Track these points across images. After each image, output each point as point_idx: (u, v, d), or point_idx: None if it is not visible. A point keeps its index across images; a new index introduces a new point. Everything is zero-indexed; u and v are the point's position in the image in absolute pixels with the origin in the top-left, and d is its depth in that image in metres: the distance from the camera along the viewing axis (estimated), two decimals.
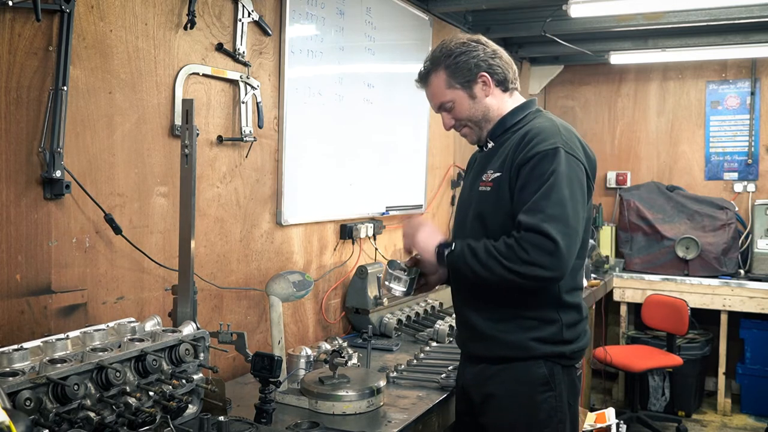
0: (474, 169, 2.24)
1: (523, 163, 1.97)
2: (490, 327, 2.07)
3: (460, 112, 2.14)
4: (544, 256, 1.86)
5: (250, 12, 2.72)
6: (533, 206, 1.90)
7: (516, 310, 2.03)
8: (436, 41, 4.25)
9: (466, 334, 2.18)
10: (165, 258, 2.40)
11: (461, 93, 2.11)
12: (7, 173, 1.92)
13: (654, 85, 5.94)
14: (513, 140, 2.07)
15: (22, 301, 1.97)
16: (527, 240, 1.88)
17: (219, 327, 2.17)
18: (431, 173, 4.41)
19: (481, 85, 2.10)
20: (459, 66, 2.09)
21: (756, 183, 5.69)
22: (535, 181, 1.93)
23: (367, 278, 3.37)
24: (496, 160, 2.09)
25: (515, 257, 1.88)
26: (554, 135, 1.99)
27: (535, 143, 1.97)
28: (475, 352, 2.15)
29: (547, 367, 2.04)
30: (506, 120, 2.13)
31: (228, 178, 2.71)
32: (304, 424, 2.05)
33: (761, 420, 5.10)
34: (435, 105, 2.19)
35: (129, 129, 2.28)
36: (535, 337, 2.02)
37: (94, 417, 1.62)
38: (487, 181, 2.07)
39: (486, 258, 1.93)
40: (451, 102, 2.13)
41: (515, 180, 1.98)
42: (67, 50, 2.00)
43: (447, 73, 2.10)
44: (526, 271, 1.89)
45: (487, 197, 2.06)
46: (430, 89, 2.17)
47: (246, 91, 2.73)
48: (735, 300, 5.09)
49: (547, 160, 1.93)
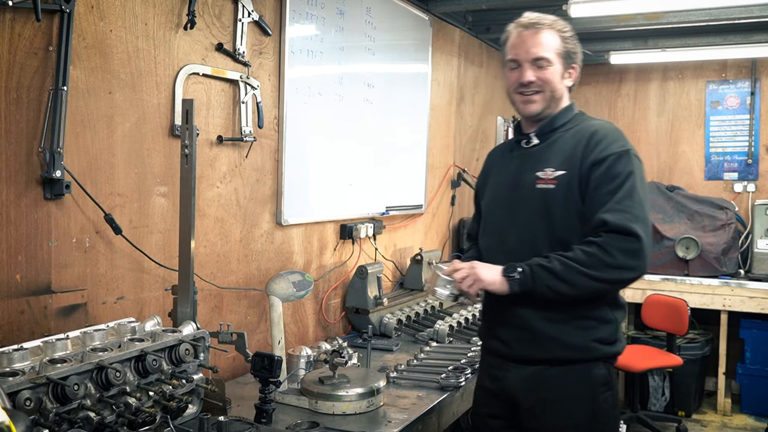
0: (513, 165, 2.15)
1: (596, 162, 1.96)
2: (548, 328, 1.99)
3: (550, 76, 2.05)
4: (631, 258, 1.86)
5: (250, 12, 2.72)
6: (618, 206, 1.89)
7: (576, 310, 1.98)
8: (436, 41, 4.25)
9: (516, 335, 2.05)
10: (165, 258, 2.40)
11: (560, 65, 2.07)
12: (7, 173, 1.92)
13: (654, 85, 5.94)
14: (571, 139, 2.05)
15: (22, 301, 1.97)
16: (611, 243, 1.86)
17: (219, 327, 2.17)
18: (431, 173, 4.41)
19: (569, 72, 2.10)
20: (570, 43, 2.08)
21: (756, 183, 5.68)
22: (611, 182, 1.93)
23: (367, 278, 3.37)
24: (554, 157, 2.04)
25: (601, 264, 1.87)
26: (621, 137, 2.03)
27: (606, 144, 1.98)
28: (528, 355, 2.03)
29: (606, 368, 2.02)
30: (556, 119, 2.10)
31: (228, 178, 2.71)
32: (304, 424, 2.05)
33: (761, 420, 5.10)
34: (532, 54, 2.04)
35: (129, 129, 2.28)
36: (596, 338, 1.99)
37: (94, 417, 1.62)
38: (548, 179, 2.02)
39: (567, 273, 1.89)
40: (549, 64, 2.05)
41: (586, 179, 1.97)
42: (67, 50, 2.00)
43: (560, 39, 2.06)
44: (614, 276, 1.89)
45: (553, 195, 2.00)
46: (539, 38, 2.04)
47: (246, 91, 2.73)
48: (735, 300, 5.09)
49: (622, 162, 1.95)
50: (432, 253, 4.02)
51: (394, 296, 3.70)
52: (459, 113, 4.79)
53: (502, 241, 2.11)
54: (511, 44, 2.10)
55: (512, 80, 2.10)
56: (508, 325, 2.06)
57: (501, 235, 2.12)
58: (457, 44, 4.69)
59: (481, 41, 5.06)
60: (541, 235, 2.01)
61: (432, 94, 4.23)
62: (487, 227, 2.21)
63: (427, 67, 4.16)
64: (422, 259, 3.87)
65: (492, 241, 2.17)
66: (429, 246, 4.43)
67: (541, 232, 2.01)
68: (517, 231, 2.07)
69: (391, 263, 3.96)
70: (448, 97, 4.59)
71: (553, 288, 1.92)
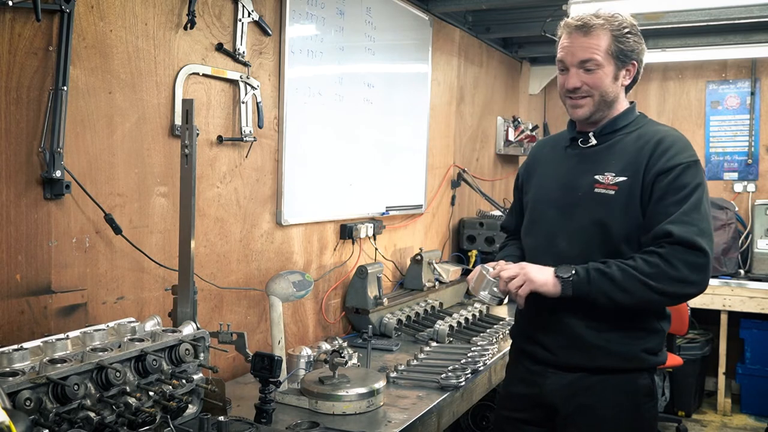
0: (568, 164, 2.07)
1: (662, 172, 1.89)
2: (595, 336, 1.94)
3: (599, 80, 1.96)
4: (695, 273, 1.81)
5: (250, 12, 2.72)
6: (685, 218, 1.83)
7: (624, 319, 1.93)
8: (436, 41, 4.25)
9: (560, 342, 2.00)
10: (165, 258, 2.40)
11: (611, 66, 1.96)
12: (7, 173, 1.92)
13: (654, 85, 5.94)
14: (634, 143, 1.97)
15: (22, 301, 1.97)
16: (676, 256, 1.81)
17: (219, 327, 2.17)
18: (431, 173, 4.40)
19: (626, 71, 2.00)
20: (625, 41, 1.96)
21: (756, 183, 5.68)
22: (677, 192, 1.86)
23: (367, 278, 3.37)
24: (614, 162, 1.96)
25: (664, 276, 1.81)
26: (689, 147, 1.96)
27: (674, 153, 1.91)
28: (571, 362, 1.98)
29: (650, 377, 1.99)
30: (618, 120, 2.02)
31: (228, 178, 2.70)
32: (304, 424, 2.05)
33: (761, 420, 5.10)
34: (578, 58, 1.96)
35: (129, 129, 2.28)
36: (645, 348, 1.96)
37: (94, 417, 1.62)
38: (607, 184, 1.94)
39: (626, 281, 1.83)
40: (598, 67, 1.95)
41: (650, 188, 1.90)
42: (67, 50, 2.00)
43: (612, 39, 1.94)
44: (676, 290, 1.84)
45: (612, 202, 1.92)
46: (587, 41, 1.94)
47: (246, 91, 2.73)
48: (735, 300, 5.09)
49: (690, 173, 1.89)
50: (432, 253, 4.02)
51: (394, 296, 3.70)
52: (459, 113, 4.78)
53: (552, 243, 2.03)
54: (561, 45, 2.01)
55: (560, 84, 2.04)
56: (551, 330, 2.01)
57: (550, 237, 2.04)
58: (457, 44, 4.69)
59: (481, 41, 5.06)
60: (595, 242, 1.95)
61: (432, 94, 4.22)
62: (534, 227, 2.12)
63: (427, 67, 4.16)
64: (422, 259, 3.87)
65: (540, 242, 2.08)
66: (429, 246, 4.43)
67: (595, 239, 1.95)
68: (569, 235, 2.00)
69: (391, 263, 3.96)
70: (448, 97, 4.59)
71: (609, 295, 1.86)
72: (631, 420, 1.96)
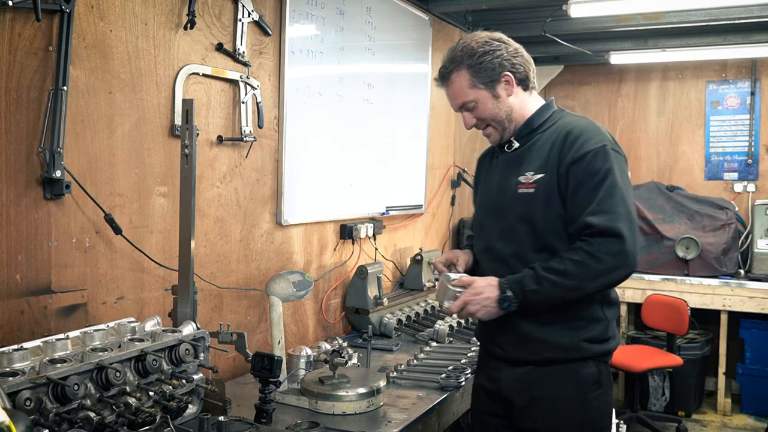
0: (498, 169, 2.16)
1: (574, 161, 1.95)
2: (538, 330, 2.01)
3: (483, 111, 2.09)
4: (618, 258, 1.87)
5: (250, 12, 2.72)
6: (602, 207, 1.90)
7: (564, 311, 1.99)
8: (436, 41, 4.25)
9: (510, 339, 2.07)
10: (165, 258, 2.40)
11: (485, 93, 2.07)
12: (7, 173, 1.92)
13: (654, 85, 5.94)
14: (548, 140, 2.04)
15: (22, 301, 1.97)
16: (600, 249, 1.87)
17: (219, 327, 2.17)
18: (431, 173, 4.40)
19: (504, 84, 2.07)
20: (482, 66, 2.05)
21: (756, 183, 5.68)
22: (590, 180, 1.93)
23: (367, 278, 3.37)
24: (533, 160, 2.04)
25: (593, 272, 1.89)
26: (597, 133, 2.00)
27: (582, 142, 1.97)
28: (519, 356, 2.06)
29: (596, 366, 2.02)
30: (533, 120, 2.10)
31: (228, 178, 2.71)
32: (304, 424, 2.05)
33: (761, 420, 5.10)
34: (456, 104, 2.15)
35: (129, 129, 2.28)
36: (585, 337, 2.00)
37: (94, 417, 1.62)
38: (527, 183, 2.02)
39: (561, 291, 1.92)
40: (474, 102, 2.09)
41: (565, 179, 1.96)
42: (67, 50, 2.00)
43: (470, 72, 2.07)
44: (605, 281, 1.91)
45: (533, 199, 2.01)
46: (452, 89, 2.13)
47: (246, 91, 2.73)
48: (735, 300, 5.09)
49: (599, 159, 1.94)
50: (432, 253, 4.01)
51: (394, 296, 3.70)
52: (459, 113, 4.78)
53: (490, 246, 2.13)
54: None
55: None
56: (502, 328, 2.08)
57: (489, 240, 2.14)
58: None
59: None
60: (525, 240, 2.02)
61: (432, 94, 4.22)
62: (479, 232, 2.23)
63: (427, 67, 4.15)
64: (422, 259, 3.87)
65: (482, 245, 2.18)
66: (429, 246, 4.43)
67: (525, 237, 2.02)
68: (502, 236, 2.08)
69: (391, 263, 3.96)
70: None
71: (548, 304, 1.96)
72: (579, 409, 2.01)
